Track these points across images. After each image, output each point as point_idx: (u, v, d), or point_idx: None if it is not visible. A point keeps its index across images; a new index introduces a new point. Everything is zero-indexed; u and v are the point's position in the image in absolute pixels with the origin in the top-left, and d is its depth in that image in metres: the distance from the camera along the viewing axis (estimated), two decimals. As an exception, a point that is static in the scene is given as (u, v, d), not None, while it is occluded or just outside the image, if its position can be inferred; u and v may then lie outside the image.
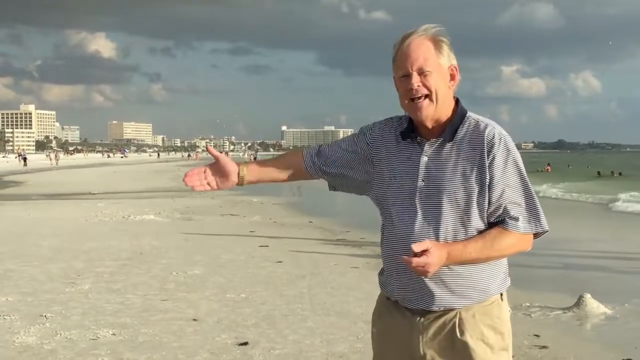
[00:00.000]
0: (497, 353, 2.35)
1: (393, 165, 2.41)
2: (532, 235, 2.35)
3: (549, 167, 54.06)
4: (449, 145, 2.33)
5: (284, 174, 2.58)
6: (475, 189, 2.29)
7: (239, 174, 2.50)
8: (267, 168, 2.57)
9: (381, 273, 2.49)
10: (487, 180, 2.29)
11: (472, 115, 2.38)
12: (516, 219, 2.30)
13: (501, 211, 2.30)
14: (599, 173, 49.18)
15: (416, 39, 2.33)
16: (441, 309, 2.33)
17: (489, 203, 2.30)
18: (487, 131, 2.32)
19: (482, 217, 2.32)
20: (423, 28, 2.36)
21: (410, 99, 2.32)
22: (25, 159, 72.00)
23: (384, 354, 2.46)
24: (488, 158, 2.29)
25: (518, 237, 2.31)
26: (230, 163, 2.50)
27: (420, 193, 2.33)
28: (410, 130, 2.40)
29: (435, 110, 2.32)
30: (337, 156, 2.53)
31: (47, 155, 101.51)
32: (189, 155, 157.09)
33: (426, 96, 2.30)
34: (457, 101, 2.40)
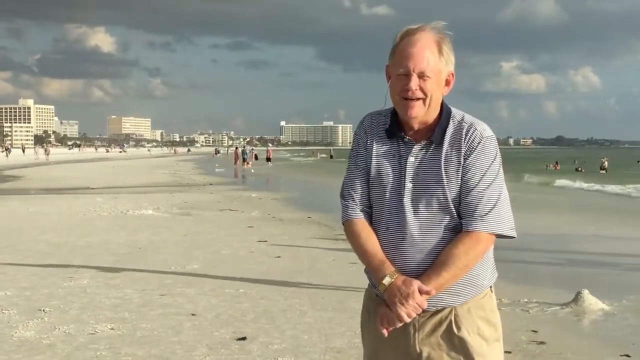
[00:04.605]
0: (491, 344, 2.37)
1: (380, 161, 2.39)
2: (493, 236, 2.32)
3: (557, 166, 54.52)
4: (436, 146, 2.33)
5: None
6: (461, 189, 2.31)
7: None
8: (378, 249, 2.37)
9: (369, 271, 2.42)
10: (467, 175, 2.30)
11: (456, 113, 2.37)
12: (481, 217, 2.28)
13: (469, 204, 2.29)
14: (577, 169, 51.33)
15: (423, 39, 2.30)
16: (437, 308, 2.34)
17: (461, 195, 2.30)
18: (470, 131, 2.32)
19: None
20: (431, 26, 2.32)
21: (404, 97, 2.30)
22: (9, 150, 73.15)
23: (378, 354, 2.44)
24: (469, 157, 2.30)
25: (481, 239, 2.29)
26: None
27: (408, 195, 2.32)
28: (396, 128, 2.38)
29: (425, 114, 2.32)
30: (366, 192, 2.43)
31: (35, 150, 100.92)
32: (187, 150, 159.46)
33: (420, 99, 2.30)
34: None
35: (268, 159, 57.45)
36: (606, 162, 49.80)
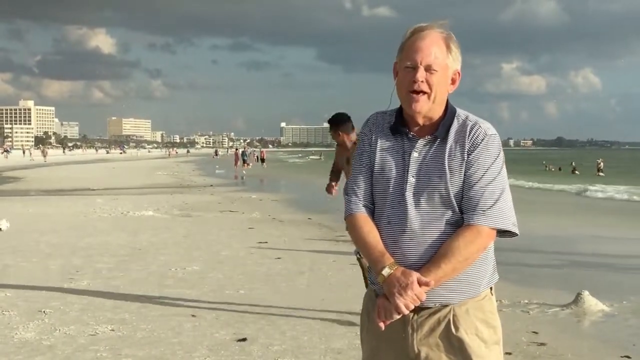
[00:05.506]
0: (490, 347, 2.36)
1: (384, 157, 2.41)
2: (494, 231, 2.32)
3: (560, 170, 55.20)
4: (440, 142, 2.35)
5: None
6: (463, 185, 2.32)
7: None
8: (378, 241, 2.38)
9: (369, 270, 2.45)
10: (470, 170, 2.31)
11: (460, 112, 2.40)
12: (483, 211, 2.29)
13: (471, 198, 2.29)
14: (559, 168, 54.27)
15: (432, 35, 2.34)
16: (437, 305, 2.34)
17: (463, 190, 2.31)
18: (475, 129, 2.35)
19: None
20: (439, 24, 2.37)
21: (410, 91, 2.33)
22: (8, 152, 75.37)
23: (376, 355, 2.44)
24: (472, 154, 2.32)
25: (482, 232, 2.30)
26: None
27: (410, 189, 2.34)
28: (400, 124, 2.41)
29: (429, 109, 2.35)
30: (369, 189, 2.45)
31: (30, 152, 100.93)
32: (187, 151, 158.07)
33: (425, 93, 2.32)
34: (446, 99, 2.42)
35: (262, 160, 59.03)
36: (602, 164, 49.50)
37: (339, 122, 6.27)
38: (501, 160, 2.36)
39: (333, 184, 6.80)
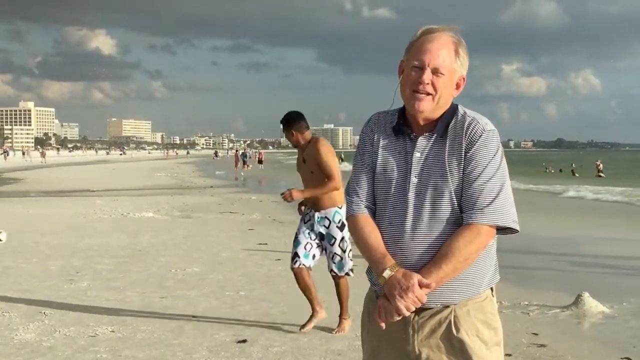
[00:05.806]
0: (491, 348, 2.36)
1: (386, 157, 2.41)
2: (493, 229, 2.31)
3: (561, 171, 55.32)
4: (440, 140, 2.34)
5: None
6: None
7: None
8: (380, 243, 2.37)
9: (370, 270, 2.43)
10: (468, 168, 2.29)
11: (460, 109, 2.40)
12: (481, 209, 2.27)
13: (470, 196, 2.28)
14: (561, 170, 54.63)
15: (442, 37, 2.34)
16: (438, 305, 2.34)
17: (462, 188, 2.30)
18: (472, 125, 2.34)
19: None
20: (451, 28, 2.38)
21: (414, 90, 2.33)
22: (7, 153, 76.79)
23: (377, 356, 2.44)
24: (470, 150, 2.31)
25: (481, 231, 2.28)
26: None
27: (412, 189, 2.33)
28: (403, 125, 2.40)
29: (432, 110, 2.35)
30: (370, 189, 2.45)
31: (26, 153, 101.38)
32: (187, 152, 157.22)
33: (430, 94, 2.32)
34: None
35: (260, 161, 59.53)
36: (601, 165, 49.16)
37: (291, 121, 5.88)
38: (500, 156, 2.34)
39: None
